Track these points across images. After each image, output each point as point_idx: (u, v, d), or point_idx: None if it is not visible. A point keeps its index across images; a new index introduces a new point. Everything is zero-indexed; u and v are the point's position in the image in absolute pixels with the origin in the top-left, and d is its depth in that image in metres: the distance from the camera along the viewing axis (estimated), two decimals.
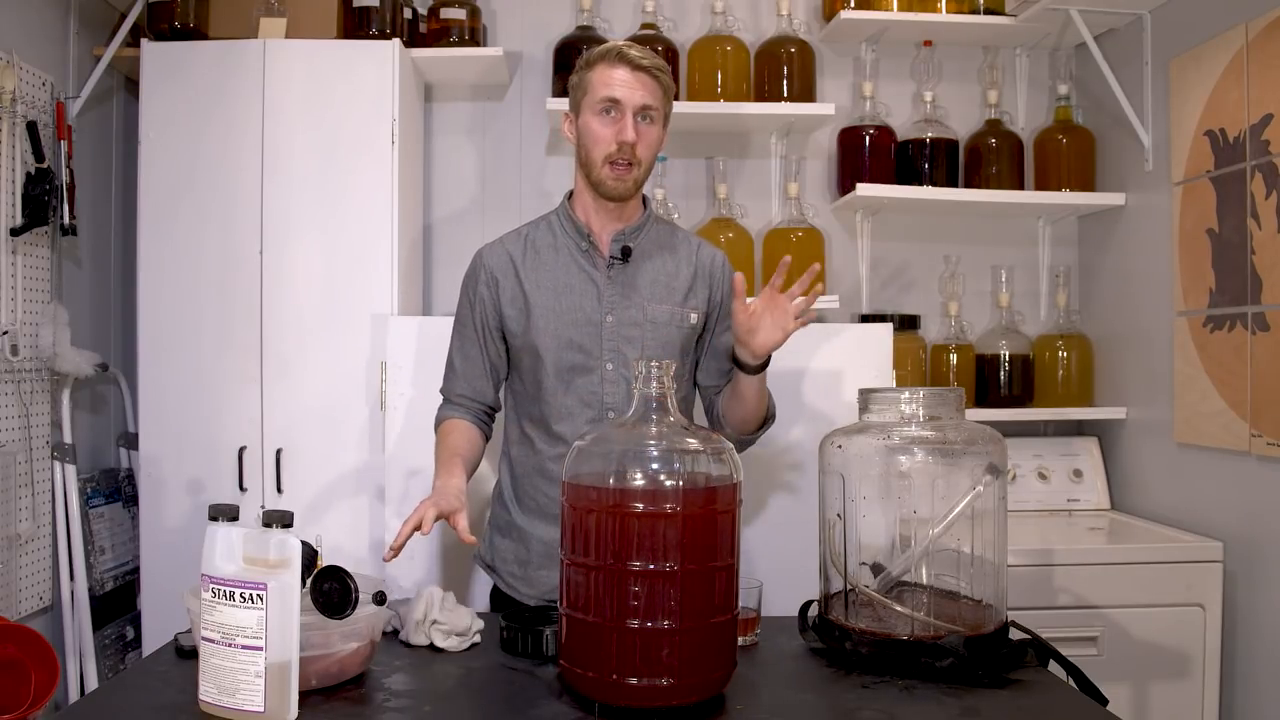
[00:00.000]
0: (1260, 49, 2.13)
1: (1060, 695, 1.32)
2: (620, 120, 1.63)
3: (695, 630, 1.20)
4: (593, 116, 1.65)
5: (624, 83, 1.63)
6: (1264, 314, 2.12)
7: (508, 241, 1.78)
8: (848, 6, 2.66)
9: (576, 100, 1.69)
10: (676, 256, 1.77)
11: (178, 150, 2.37)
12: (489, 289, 1.75)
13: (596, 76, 1.65)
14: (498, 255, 1.76)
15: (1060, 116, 2.77)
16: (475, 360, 1.78)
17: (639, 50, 1.65)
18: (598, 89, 1.64)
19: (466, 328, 1.78)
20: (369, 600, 1.30)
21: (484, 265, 1.77)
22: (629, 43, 1.68)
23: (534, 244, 1.76)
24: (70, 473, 2.40)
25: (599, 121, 1.65)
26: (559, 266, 1.72)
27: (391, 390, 2.25)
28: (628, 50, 1.64)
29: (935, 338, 2.82)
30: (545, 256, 1.74)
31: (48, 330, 2.32)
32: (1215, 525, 2.30)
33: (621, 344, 1.69)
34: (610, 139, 1.64)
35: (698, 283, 1.77)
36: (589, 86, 1.66)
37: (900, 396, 1.48)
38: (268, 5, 2.42)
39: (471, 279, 1.78)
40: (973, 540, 1.43)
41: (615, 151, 1.64)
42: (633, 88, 1.63)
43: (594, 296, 1.70)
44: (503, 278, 1.74)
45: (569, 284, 1.71)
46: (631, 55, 1.63)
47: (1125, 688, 2.22)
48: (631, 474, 1.21)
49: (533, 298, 1.71)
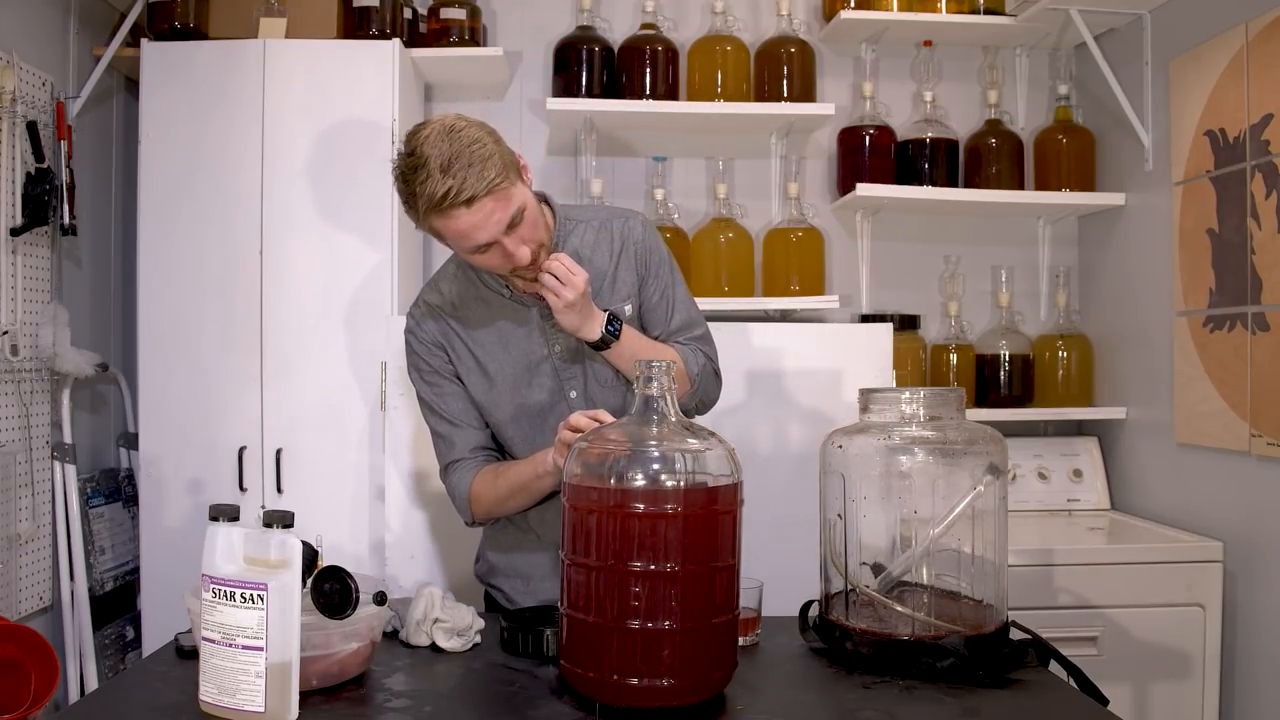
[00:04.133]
0: (1260, 49, 2.13)
1: (1060, 695, 1.32)
2: (501, 251, 1.45)
3: (696, 630, 1.20)
4: (470, 256, 1.49)
5: (476, 225, 1.41)
6: (1264, 314, 2.12)
7: (431, 304, 1.65)
8: (848, 6, 2.66)
9: (431, 237, 1.50)
10: (596, 251, 1.63)
11: (178, 150, 2.37)
12: (441, 352, 1.64)
13: (444, 229, 1.44)
14: (430, 325, 1.64)
15: (1060, 116, 2.77)
16: (468, 412, 1.65)
17: (462, 179, 1.39)
18: (457, 242, 1.46)
19: (443, 386, 1.65)
20: (369, 600, 1.30)
21: (424, 336, 1.64)
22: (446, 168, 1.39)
23: (459, 300, 1.64)
24: (70, 473, 2.40)
25: (480, 260, 1.49)
26: (493, 315, 1.62)
27: (391, 390, 2.25)
28: (447, 194, 1.39)
29: (935, 338, 2.82)
30: (475, 309, 1.63)
31: (48, 330, 2.32)
32: (1215, 525, 2.30)
33: (584, 367, 1.62)
34: (499, 265, 1.49)
35: (622, 268, 1.64)
36: (443, 237, 1.47)
37: (900, 396, 1.48)
38: (268, 5, 2.42)
39: (419, 349, 1.65)
40: (973, 540, 1.43)
41: (518, 270, 1.50)
42: (483, 223, 1.41)
43: (535, 333, 1.61)
44: (446, 344, 1.63)
45: (511, 331, 1.62)
46: (464, 198, 1.39)
47: (1125, 688, 2.22)
48: (632, 474, 1.21)
49: (482, 355, 1.62)
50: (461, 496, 1.65)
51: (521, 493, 1.60)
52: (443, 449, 1.67)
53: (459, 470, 1.65)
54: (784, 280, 2.68)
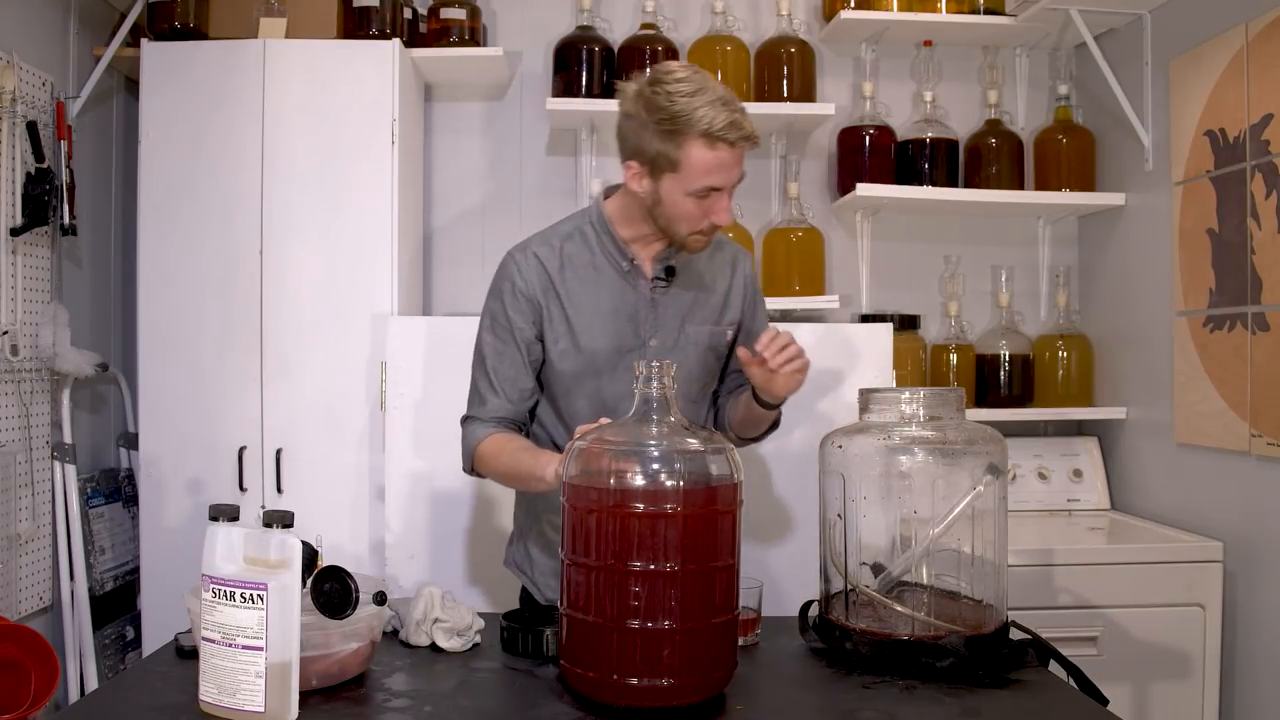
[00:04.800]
0: (1260, 49, 2.13)
1: (1060, 695, 1.32)
2: (718, 201, 1.48)
3: (696, 630, 1.20)
4: (684, 196, 1.48)
5: (724, 166, 1.45)
6: (1264, 314, 2.12)
7: (540, 254, 1.61)
8: (848, 6, 2.66)
9: (657, 165, 1.47)
10: (713, 269, 1.68)
11: (178, 150, 2.38)
12: (531, 307, 1.60)
13: (694, 158, 1.44)
14: (533, 273, 1.60)
15: (1060, 116, 2.77)
16: (515, 381, 1.62)
17: (740, 116, 1.44)
18: (697, 175, 1.45)
19: (507, 345, 1.61)
20: (369, 600, 1.30)
21: (520, 284, 1.60)
22: (726, 103, 1.44)
23: (570, 259, 1.61)
24: (70, 473, 2.40)
25: (693, 202, 1.48)
26: (599, 287, 1.60)
27: (391, 390, 2.25)
28: (728, 128, 1.43)
29: (935, 338, 2.82)
30: (584, 274, 1.60)
31: (48, 330, 2.32)
32: (1215, 525, 2.30)
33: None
34: (701, 218, 1.50)
35: (733, 295, 1.69)
36: (683, 164, 1.45)
37: (900, 396, 1.48)
38: (268, 5, 2.42)
39: (507, 296, 1.61)
40: (973, 540, 1.43)
41: (707, 228, 1.52)
42: (733, 168, 1.47)
43: (637, 320, 1.61)
44: (543, 297, 1.59)
45: (613, 307, 1.60)
46: (733, 135, 1.43)
47: (1125, 688, 2.22)
48: (632, 474, 1.21)
49: (577, 323, 1.59)
50: (469, 449, 1.64)
51: (516, 481, 1.60)
52: (473, 400, 1.66)
53: (477, 426, 1.63)
54: (784, 280, 2.68)
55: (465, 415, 1.68)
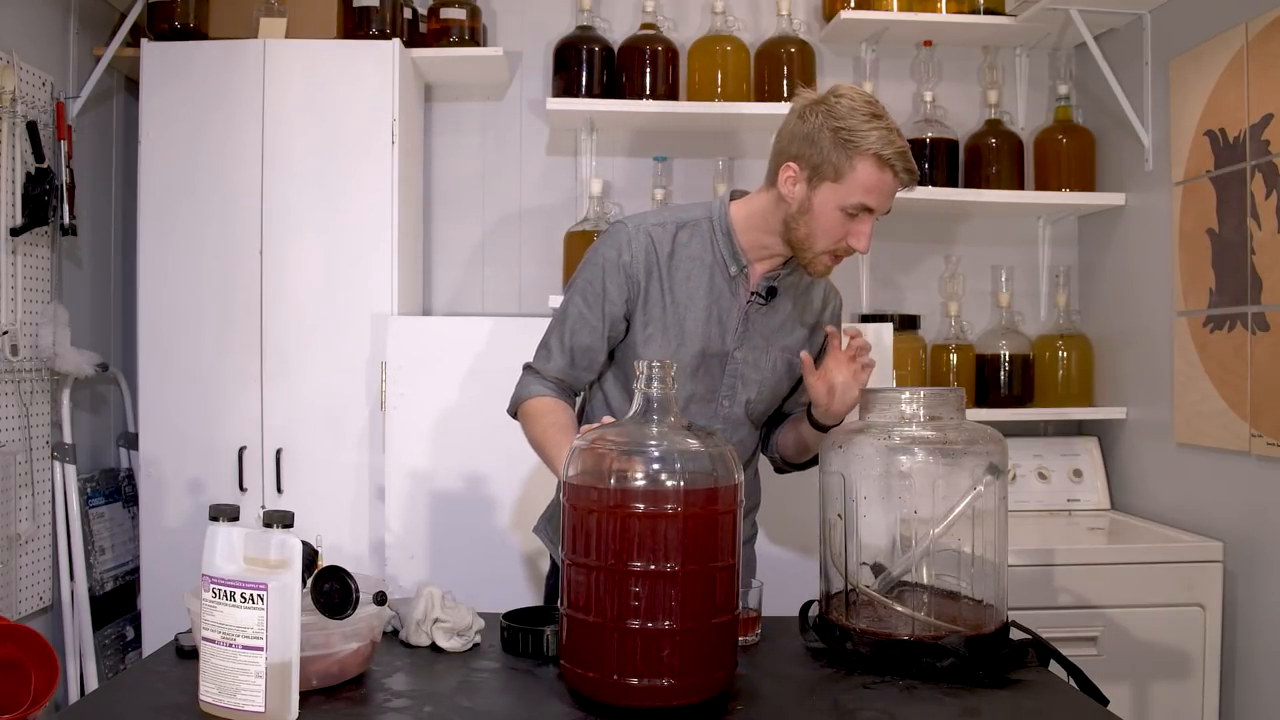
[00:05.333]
0: (1260, 49, 2.13)
1: (1060, 695, 1.32)
2: (863, 224, 1.51)
3: (696, 630, 1.20)
4: (837, 209, 1.50)
5: (885, 190, 1.49)
6: (1264, 314, 2.12)
7: (654, 234, 1.60)
8: (848, 6, 2.66)
9: (819, 170, 1.50)
10: (806, 300, 1.69)
11: (178, 150, 2.38)
12: (629, 284, 1.59)
13: (864, 173, 1.47)
14: (642, 249, 1.58)
15: (1060, 116, 2.77)
16: (589, 349, 1.61)
17: (908, 155, 1.49)
18: (857, 190, 1.48)
19: (593, 312, 1.59)
20: (369, 600, 1.30)
21: (626, 255, 1.58)
22: (900, 135, 1.50)
23: (681, 246, 1.60)
24: (70, 473, 2.40)
25: (841, 218, 1.50)
26: (702, 282, 1.59)
27: (391, 390, 2.25)
28: (904, 161, 1.48)
29: (935, 338, 2.82)
30: (690, 267, 1.59)
31: (48, 330, 2.32)
32: (1215, 525, 2.30)
33: (740, 385, 1.64)
34: (842, 237, 1.52)
35: (818, 332, 1.71)
36: (848, 176, 1.48)
37: (900, 396, 1.48)
38: (268, 5, 2.42)
39: (609, 265, 1.59)
40: (973, 540, 1.43)
41: (843, 249, 1.54)
42: (889, 196, 1.51)
43: (729, 328, 1.61)
44: (645, 278, 1.59)
45: (710, 307, 1.59)
46: (901, 164, 1.48)
47: (1125, 688, 2.22)
48: (632, 474, 1.21)
49: (670, 312, 1.59)
50: (517, 399, 1.65)
51: (540, 454, 1.59)
52: (540, 352, 1.65)
53: (534, 381, 1.64)
54: None
55: (528, 363, 1.67)
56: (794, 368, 1.65)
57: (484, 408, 1.93)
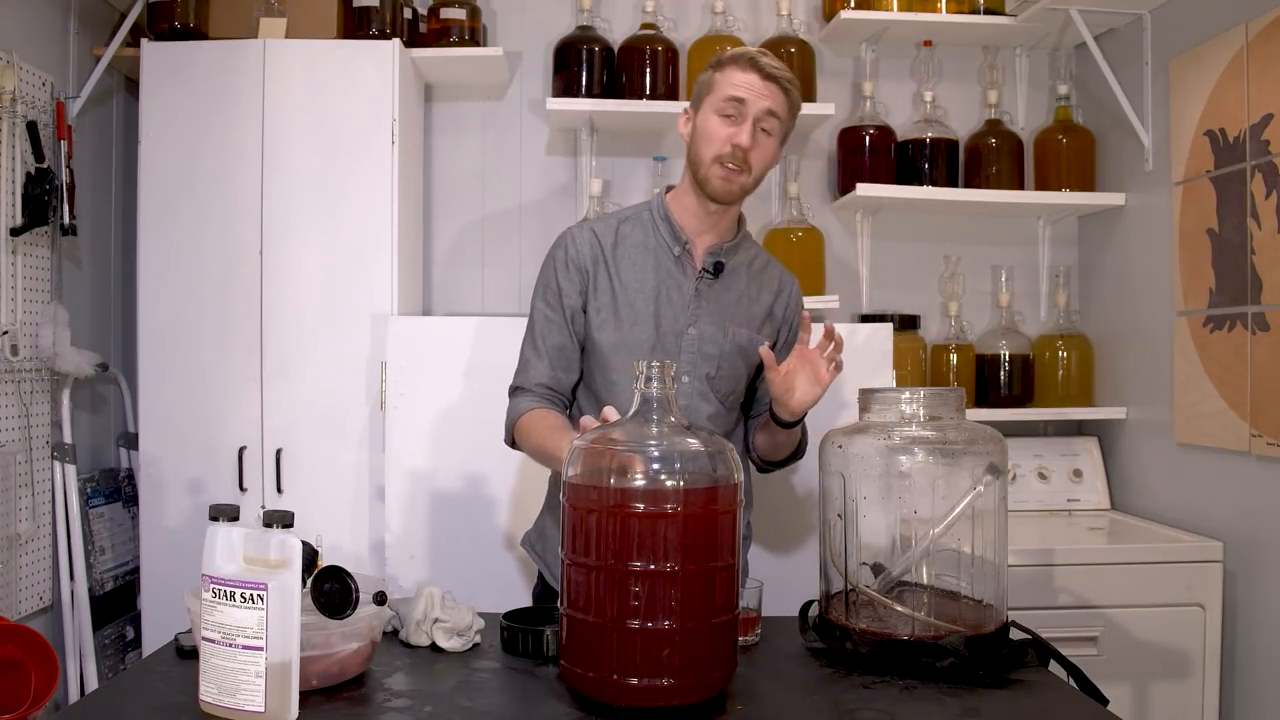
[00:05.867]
0: (1260, 49, 2.13)
1: (1060, 695, 1.32)
2: (740, 123, 1.60)
3: (696, 630, 1.20)
4: (713, 114, 1.61)
5: (752, 87, 1.59)
6: (1264, 314, 2.12)
7: (597, 230, 1.70)
8: (848, 6, 2.66)
9: (699, 97, 1.65)
10: (760, 280, 1.74)
11: (178, 150, 2.37)
12: (580, 276, 1.67)
13: (725, 77, 1.61)
14: (586, 244, 1.68)
15: (1060, 116, 2.77)
16: (561, 349, 1.67)
17: (773, 60, 1.61)
18: (724, 88, 1.60)
19: (555, 314, 1.67)
20: (369, 600, 1.30)
21: (572, 253, 1.68)
22: (764, 50, 1.65)
23: (624, 238, 1.69)
24: (70, 473, 2.40)
25: (718, 121, 1.61)
26: (648, 267, 1.67)
27: (391, 390, 2.25)
28: (760, 57, 1.61)
29: (935, 338, 2.82)
30: (635, 255, 1.68)
31: (48, 330, 2.32)
32: (1215, 525, 2.30)
33: (699, 359, 1.66)
34: (725, 140, 1.60)
35: (775, 309, 1.76)
36: (715, 85, 1.62)
37: (900, 396, 1.48)
38: (268, 5, 2.42)
39: (559, 265, 1.68)
40: (973, 540, 1.43)
41: (728, 153, 1.60)
42: (760, 94, 1.59)
43: (680, 306, 1.66)
44: (592, 269, 1.67)
45: (657, 288, 1.66)
46: (763, 62, 1.60)
47: (1125, 688, 2.22)
48: (632, 474, 1.21)
49: (621, 297, 1.65)
50: (510, 421, 1.68)
51: (545, 458, 1.62)
52: (519, 369, 1.71)
53: (522, 398, 1.68)
54: None
55: (511, 386, 1.71)
56: (754, 344, 1.69)
57: (484, 408, 1.93)
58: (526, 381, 1.68)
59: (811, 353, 1.58)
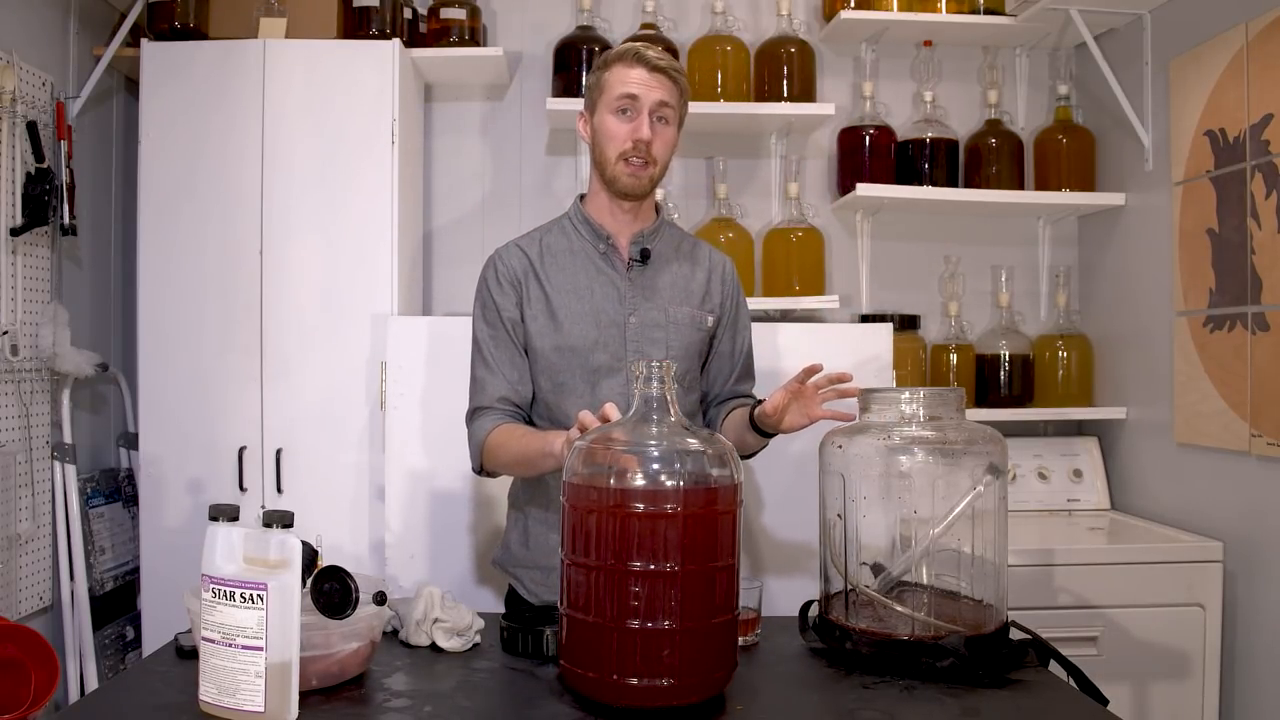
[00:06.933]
0: (1260, 49, 2.13)
1: (1060, 695, 1.32)
2: (636, 118, 1.64)
3: (696, 630, 1.20)
4: (609, 114, 1.66)
5: (641, 81, 1.64)
6: (1264, 314, 2.12)
7: (522, 244, 1.75)
8: (848, 6, 2.66)
9: (593, 100, 1.70)
10: (693, 259, 1.79)
11: (178, 150, 2.37)
12: (513, 289, 1.71)
13: (614, 76, 1.65)
14: (514, 259, 1.73)
15: (1060, 116, 2.77)
16: (512, 362, 1.70)
17: (655, 51, 1.66)
18: (615, 86, 1.65)
19: (497, 330, 1.71)
20: (369, 600, 1.30)
21: (502, 268, 1.72)
22: (646, 44, 1.69)
23: (549, 247, 1.74)
24: (70, 473, 2.40)
25: (615, 119, 1.65)
26: (577, 269, 1.71)
27: (391, 390, 2.25)
28: (645, 51, 1.65)
29: (935, 338, 2.82)
30: (562, 260, 1.72)
31: (48, 330, 2.32)
32: (1215, 525, 2.30)
33: (646, 345, 1.69)
34: (626, 136, 1.65)
35: (712, 285, 1.78)
36: (605, 86, 1.66)
37: (900, 396, 1.48)
38: (268, 5, 2.42)
39: (491, 283, 1.73)
40: (973, 540, 1.43)
41: (630, 149, 1.65)
42: (650, 86, 1.64)
43: (615, 298, 1.69)
44: (524, 280, 1.71)
45: (590, 286, 1.70)
46: (648, 56, 1.64)
47: (1125, 688, 2.22)
48: (632, 474, 1.21)
49: (555, 300, 1.69)
50: (476, 444, 1.69)
51: (526, 465, 1.62)
52: (474, 393, 1.73)
53: (482, 418, 1.69)
54: (784, 280, 2.68)
55: (469, 411, 1.73)
56: (698, 321, 1.73)
57: None
58: (485, 400, 1.70)
59: (807, 389, 1.58)
